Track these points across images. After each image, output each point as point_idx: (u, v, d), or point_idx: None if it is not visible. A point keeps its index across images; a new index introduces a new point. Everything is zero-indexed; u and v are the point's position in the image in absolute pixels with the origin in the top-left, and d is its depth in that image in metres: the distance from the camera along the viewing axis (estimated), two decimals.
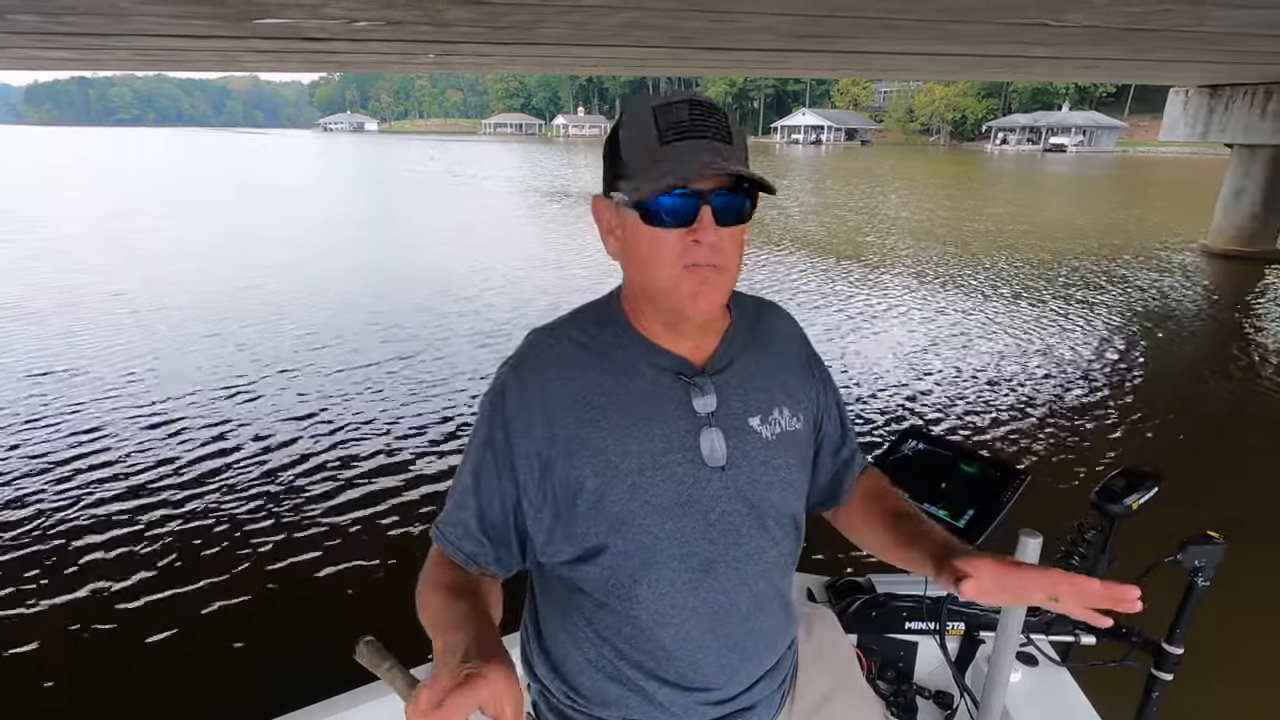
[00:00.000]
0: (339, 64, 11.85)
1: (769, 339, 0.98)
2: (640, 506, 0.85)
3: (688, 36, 6.71)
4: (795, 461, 0.96)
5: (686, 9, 5.25)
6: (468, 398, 5.64)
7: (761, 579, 0.94)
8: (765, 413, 0.92)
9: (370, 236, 14.87)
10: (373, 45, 7.85)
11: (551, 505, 0.87)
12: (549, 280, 10.20)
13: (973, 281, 10.56)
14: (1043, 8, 5.13)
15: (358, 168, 38.39)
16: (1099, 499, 1.28)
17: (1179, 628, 1.29)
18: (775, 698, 1.01)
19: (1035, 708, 1.38)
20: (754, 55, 8.49)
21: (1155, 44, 6.64)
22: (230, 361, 6.42)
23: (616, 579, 0.88)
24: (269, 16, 5.98)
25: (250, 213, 18.39)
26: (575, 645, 0.93)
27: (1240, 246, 13.25)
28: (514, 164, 39.74)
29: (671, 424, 0.87)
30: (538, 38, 6.93)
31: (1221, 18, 5.26)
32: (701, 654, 0.91)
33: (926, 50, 7.66)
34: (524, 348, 0.92)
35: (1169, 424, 5.43)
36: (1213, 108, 13.57)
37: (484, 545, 0.89)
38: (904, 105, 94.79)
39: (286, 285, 9.56)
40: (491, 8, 5.32)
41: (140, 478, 4.32)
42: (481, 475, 0.89)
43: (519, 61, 10.59)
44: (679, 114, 0.79)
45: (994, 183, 33.22)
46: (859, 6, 4.99)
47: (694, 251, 0.80)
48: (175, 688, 2.75)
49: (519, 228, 16.78)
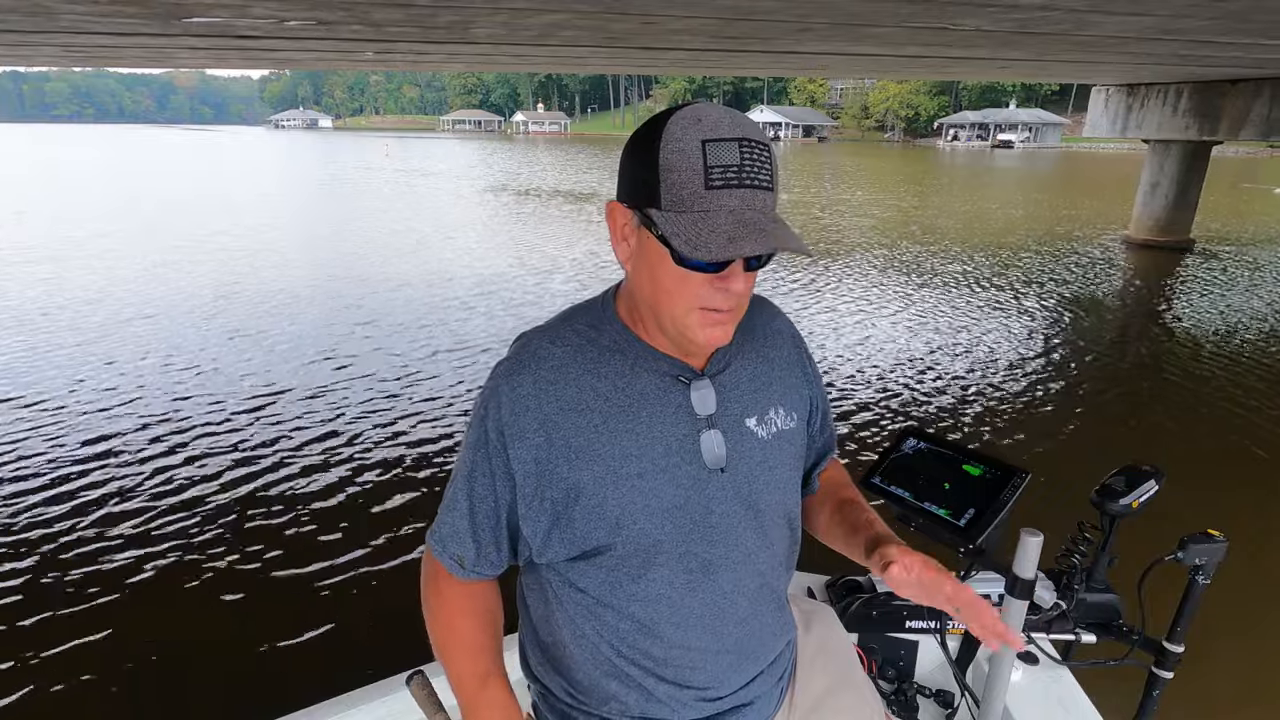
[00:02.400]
0: (279, 61, 11.75)
1: (764, 338, 0.98)
2: (640, 509, 0.86)
3: (617, 37, 6.94)
4: (790, 461, 0.97)
5: (607, 12, 5.47)
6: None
7: (759, 580, 0.95)
8: (762, 414, 0.93)
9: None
10: (308, 44, 7.89)
11: (549, 509, 0.87)
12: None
13: (920, 269, 11.08)
14: (940, 14, 5.50)
15: (300, 167, 37.35)
16: (1099, 498, 1.26)
17: (1179, 626, 1.28)
18: (774, 694, 1.02)
19: (1036, 706, 1.38)
20: (685, 54, 8.75)
21: (1051, 46, 7.11)
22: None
23: (615, 578, 0.89)
24: (196, 15, 6.02)
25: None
26: (573, 643, 0.93)
27: (1158, 237, 14.01)
28: (491, 163, 39.22)
29: (671, 427, 0.87)
30: (471, 37, 7.07)
31: (1099, 23, 5.70)
32: (699, 654, 0.92)
33: (846, 51, 8.02)
34: (517, 351, 0.90)
35: (1087, 395, 5.94)
36: (1130, 105, 14.31)
37: (477, 547, 0.91)
38: (859, 102, 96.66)
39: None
40: (418, 10, 5.46)
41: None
42: (475, 479, 0.89)
43: (459, 59, 10.67)
44: (729, 156, 0.74)
45: (946, 178, 34.23)
46: (772, 11, 5.27)
47: (717, 297, 0.79)
48: (174, 688, 2.76)
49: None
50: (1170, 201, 13.93)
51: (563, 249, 12.52)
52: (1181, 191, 13.83)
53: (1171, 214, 13.96)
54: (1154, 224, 14.11)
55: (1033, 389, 6.05)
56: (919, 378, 6.23)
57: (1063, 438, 5.17)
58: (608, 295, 0.94)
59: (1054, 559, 1.35)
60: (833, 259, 12.10)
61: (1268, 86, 11.63)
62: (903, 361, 6.63)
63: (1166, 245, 13.78)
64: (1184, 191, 13.83)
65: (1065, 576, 1.35)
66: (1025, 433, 5.20)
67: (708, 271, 0.78)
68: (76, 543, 3.68)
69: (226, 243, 12.69)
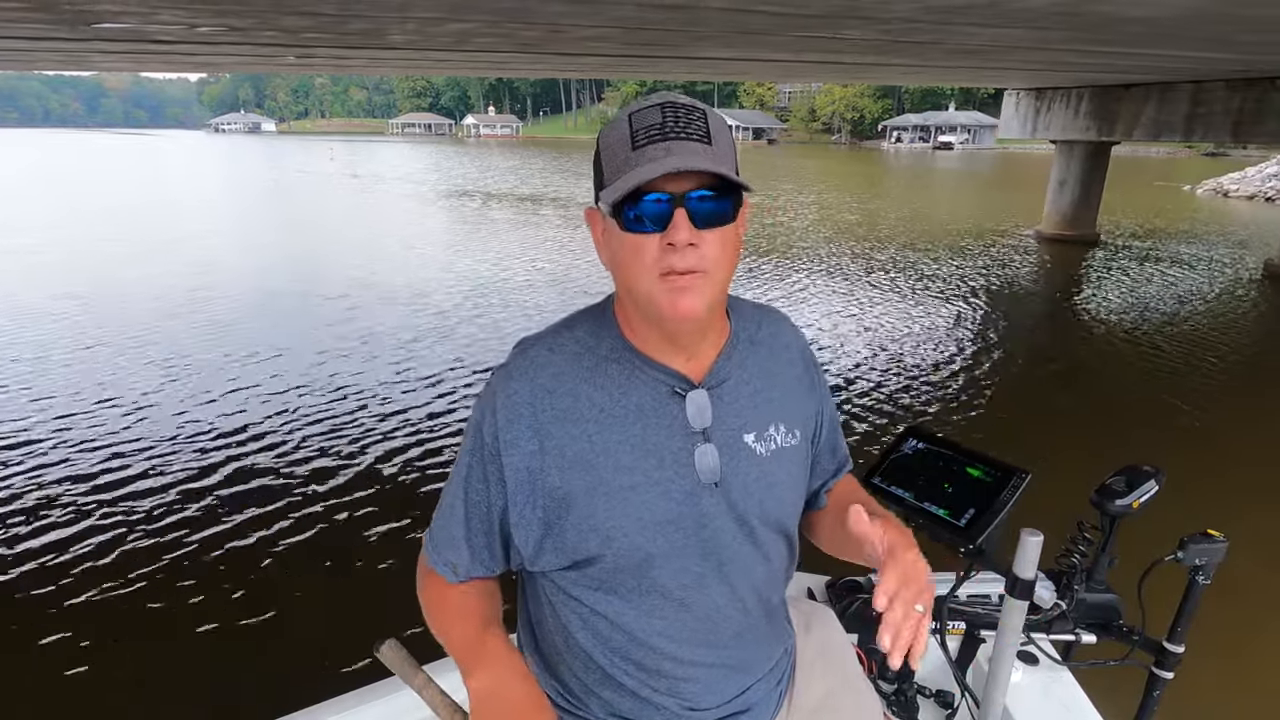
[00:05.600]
0: (201, 65, 11.65)
1: (769, 351, 0.96)
2: (632, 522, 0.85)
3: (530, 44, 7.19)
4: (789, 478, 0.95)
5: (511, 21, 5.74)
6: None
7: (753, 594, 0.94)
8: (761, 429, 0.91)
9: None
10: (226, 48, 7.93)
11: (541, 517, 0.87)
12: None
13: (841, 267, 11.64)
14: (823, 24, 5.93)
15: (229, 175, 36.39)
16: (1099, 498, 1.25)
17: (1180, 626, 1.29)
18: (772, 697, 1.02)
19: (1036, 706, 1.38)
20: (606, 59, 9.06)
21: (929, 53, 7.65)
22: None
23: (607, 589, 0.88)
24: (105, 21, 6.06)
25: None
26: (567, 649, 0.93)
27: (1066, 231, 14.88)
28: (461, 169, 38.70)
29: (665, 439, 0.86)
30: (389, 43, 7.24)
31: (971, 33, 6.22)
32: (692, 666, 0.92)
33: (753, 56, 8.44)
34: (515, 358, 0.90)
35: (1000, 376, 6.59)
36: (1039, 109, 15.18)
37: (471, 552, 0.91)
38: (807, 105, 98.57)
39: None
40: (326, 17, 5.63)
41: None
42: (470, 484, 0.89)
43: (384, 64, 10.77)
44: (651, 117, 0.78)
45: (885, 179, 35.38)
46: (662, 21, 5.62)
47: (670, 258, 0.77)
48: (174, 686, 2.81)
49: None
50: (1076, 198, 14.80)
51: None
52: (1085, 189, 14.72)
53: (1077, 210, 14.85)
54: (1062, 219, 14.99)
55: (957, 358, 6.91)
56: (849, 354, 6.79)
57: (988, 388, 6.10)
58: (608, 301, 0.92)
59: (1054, 559, 1.34)
60: (781, 255, 12.63)
61: (1155, 91, 12.56)
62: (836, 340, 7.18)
63: (1074, 239, 14.67)
64: (1087, 189, 14.73)
65: (1065, 577, 1.35)
66: (952, 390, 6.03)
67: (650, 230, 0.78)
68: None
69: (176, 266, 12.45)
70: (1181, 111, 12.16)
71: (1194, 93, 11.91)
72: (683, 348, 0.87)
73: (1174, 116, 12.31)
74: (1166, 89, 12.36)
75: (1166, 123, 12.50)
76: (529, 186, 25.90)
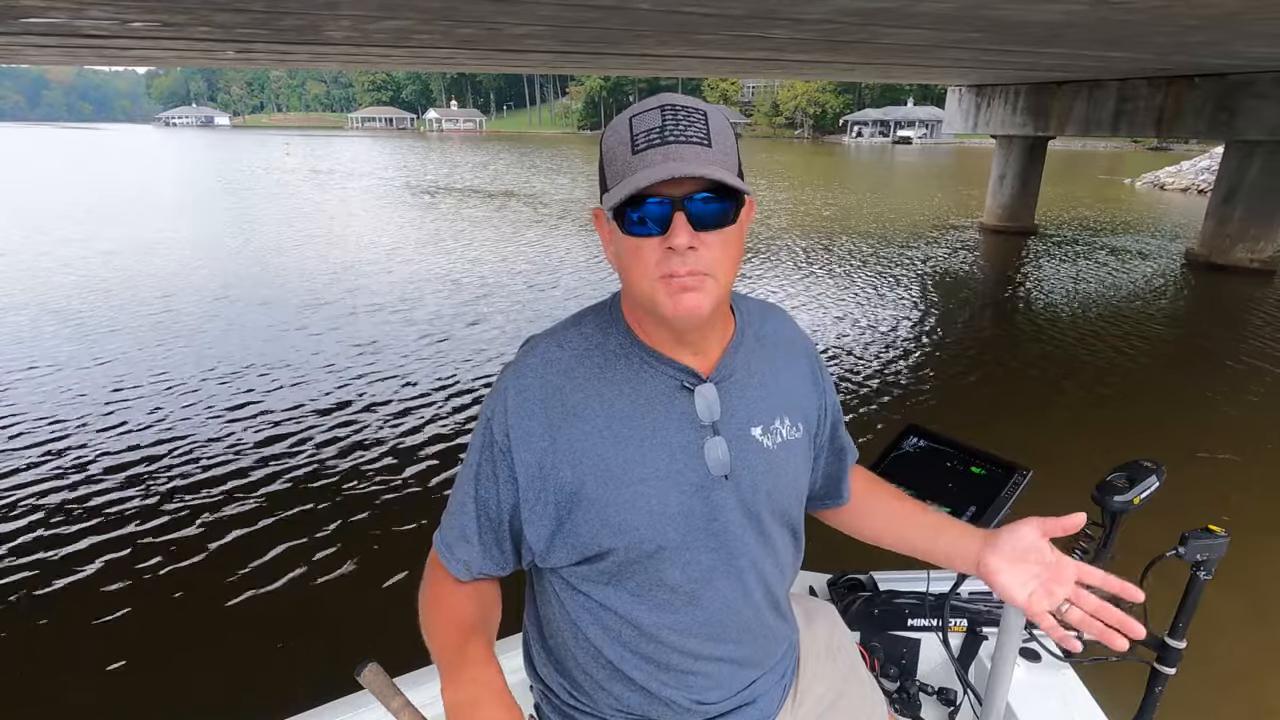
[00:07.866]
0: (139, 59, 11.42)
1: (774, 346, 0.98)
2: (643, 516, 0.86)
3: (468, 40, 7.27)
4: (795, 470, 0.97)
5: (443, 19, 5.83)
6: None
7: (760, 587, 0.95)
8: (767, 422, 0.93)
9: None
10: (163, 43, 7.84)
11: (553, 513, 0.87)
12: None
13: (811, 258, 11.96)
14: (753, 24, 6.15)
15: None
16: (1099, 494, 1.25)
17: (1181, 622, 1.29)
18: (776, 692, 1.03)
19: (1039, 703, 1.39)
20: (550, 55, 9.17)
21: (859, 51, 7.94)
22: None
23: (617, 583, 0.89)
24: (33, 16, 5.99)
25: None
26: (576, 644, 0.94)
27: (1006, 223, 15.43)
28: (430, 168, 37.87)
29: (675, 433, 0.87)
30: (327, 39, 7.26)
31: (886, 33, 6.51)
32: (700, 660, 0.93)
33: (695, 54, 8.65)
34: (524, 355, 0.91)
35: (945, 358, 7.00)
36: (979, 104, 15.71)
37: (482, 550, 0.92)
38: (770, 100, 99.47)
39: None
40: (257, 14, 5.66)
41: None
42: (480, 481, 0.90)
43: (327, 59, 10.69)
44: (651, 120, 0.79)
45: (847, 172, 36.01)
46: (586, 20, 5.77)
47: (670, 261, 0.78)
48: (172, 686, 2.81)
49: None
50: (1015, 191, 15.36)
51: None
52: (1023, 182, 15.28)
53: (1017, 202, 15.41)
54: (1002, 211, 15.53)
55: (908, 340, 7.37)
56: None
57: (940, 358, 6.74)
58: (616, 298, 0.94)
59: None
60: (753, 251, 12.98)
61: (1085, 88, 13.12)
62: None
63: (1013, 230, 15.23)
64: (1025, 182, 15.29)
65: None
66: (904, 366, 6.47)
67: (650, 234, 0.79)
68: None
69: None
70: (1109, 108, 12.73)
71: (1120, 90, 12.49)
72: (689, 344, 0.88)
73: (1103, 113, 12.88)
74: (1095, 86, 12.93)
75: (1096, 119, 13.07)
76: (500, 184, 25.71)
